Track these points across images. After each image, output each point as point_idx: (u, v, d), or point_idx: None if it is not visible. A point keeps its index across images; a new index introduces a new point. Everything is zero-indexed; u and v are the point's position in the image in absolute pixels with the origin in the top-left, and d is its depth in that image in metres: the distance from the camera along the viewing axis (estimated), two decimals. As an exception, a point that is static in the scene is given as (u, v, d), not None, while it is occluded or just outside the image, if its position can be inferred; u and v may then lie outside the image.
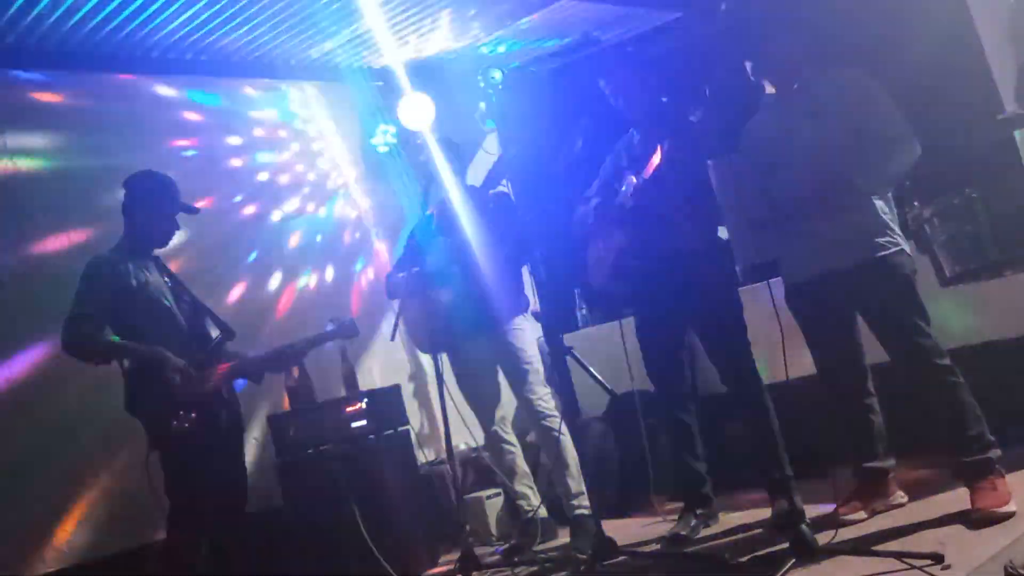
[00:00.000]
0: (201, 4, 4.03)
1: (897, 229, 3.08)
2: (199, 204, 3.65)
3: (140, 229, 3.35)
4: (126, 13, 3.95)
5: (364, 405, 4.04)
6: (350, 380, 4.33)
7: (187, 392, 3.13)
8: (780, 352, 3.16)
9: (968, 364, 3.04)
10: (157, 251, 3.45)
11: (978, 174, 3.21)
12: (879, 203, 3.07)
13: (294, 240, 5.03)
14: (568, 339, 5.02)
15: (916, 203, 3.18)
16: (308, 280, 5.00)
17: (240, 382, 3.54)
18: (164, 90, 4.66)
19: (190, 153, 4.68)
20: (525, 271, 4.26)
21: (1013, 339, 3.62)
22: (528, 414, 3.94)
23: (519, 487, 4.06)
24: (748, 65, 3.23)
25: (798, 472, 3.42)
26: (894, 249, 3.04)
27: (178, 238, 3.50)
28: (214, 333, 3.44)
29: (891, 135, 2.98)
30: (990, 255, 2.96)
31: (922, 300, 3.04)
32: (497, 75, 5.39)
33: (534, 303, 4.82)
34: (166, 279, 3.39)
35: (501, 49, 5.51)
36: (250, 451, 4.14)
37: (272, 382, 3.98)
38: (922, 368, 3.01)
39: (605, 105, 3.75)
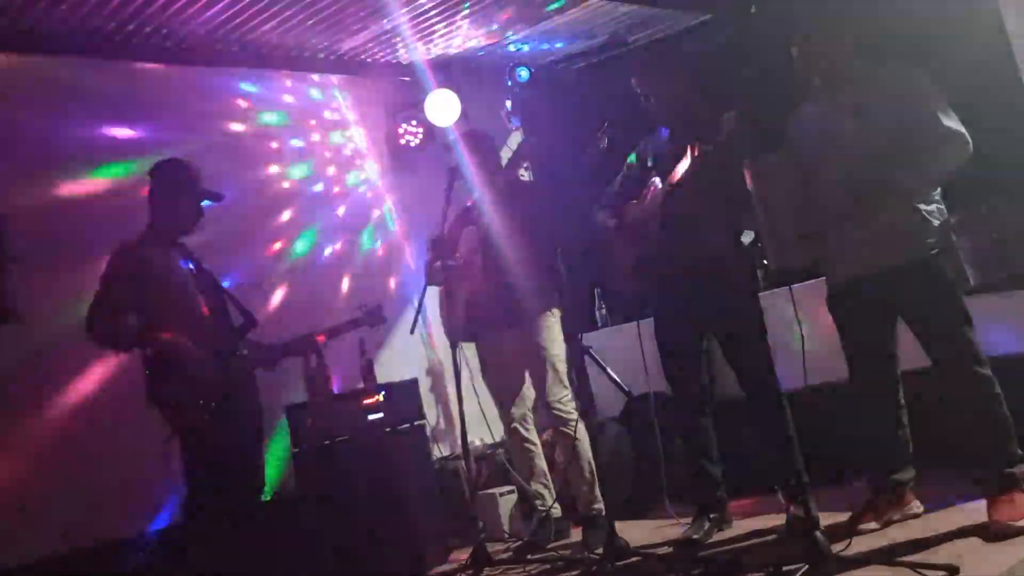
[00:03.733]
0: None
1: (943, 231, 3.02)
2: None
3: (165, 217, 3.39)
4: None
5: (381, 398, 4.07)
6: (368, 372, 4.35)
7: (208, 380, 3.17)
8: (799, 358, 3.14)
9: (1000, 376, 3.00)
10: (183, 239, 3.48)
11: (1006, 185, 3.18)
12: (925, 206, 3.02)
13: (321, 233, 5.06)
14: (586, 339, 5.01)
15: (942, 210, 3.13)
16: (334, 272, 5.03)
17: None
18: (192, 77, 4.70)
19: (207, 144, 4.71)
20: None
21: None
22: (547, 414, 3.94)
23: (536, 486, 4.06)
24: (794, 53, 3.18)
25: (814, 479, 3.39)
26: (938, 251, 2.99)
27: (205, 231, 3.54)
28: (237, 321, 3.47)
29: (941, 132, 2.91)
30: (1015, 266, 2.91)
31: (965, 304, 3.00)
32: (524, 73, 5.40)
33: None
34: (191, 267, 3.42)
35: (528, 47, 5.51)
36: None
37: (291, 370, 4.00)
38: (963, 374, 2.96)
39: (632, 106, 3.74)
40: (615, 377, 4.80)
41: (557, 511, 4.05)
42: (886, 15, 3.91)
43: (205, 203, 3.45)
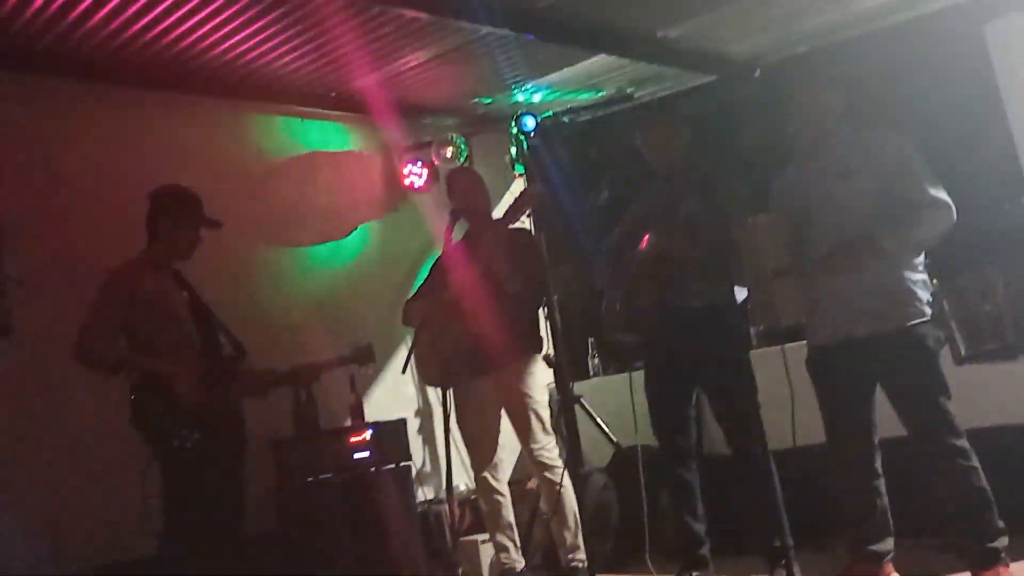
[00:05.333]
0: (246, 32, 4.12)
1: (926, 298, 3.04)
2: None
3: (163, 241, 3.41)
4: (176, 32, 4.04)
5: (368, 436, 4.04)
6: (356, 410, 4.34)
7: (192, 408, 3.15)
8: (788, 417, 3.14)
9: (978, 447, 3.00)
10: (178, 264, 3.49)
11: (999, 254, 3.20)
12: (909, 273, 3.05)
13: (318, 267, 5.08)
14: (578, 387, 5.01)
15: (935, 279, 3.15)
16: (330, 307, 5.03)
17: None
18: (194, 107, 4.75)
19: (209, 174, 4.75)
20: (541, 313, 4.26)
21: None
22: (531, 462, 3.92)
23: (500, 538, 4.00)
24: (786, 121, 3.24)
25: (799, 542, 3.36)
26: (920, 320, 3.00)
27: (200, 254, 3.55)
28: (227, 350, 3.47)
29: (924, 200, 2.96)
30: (1007, 337, 2.92)
31: (944, 375, 3.00)
32: (530, 122, 5.47)
33: (547, 347, 4.81)
34: (184, 293, 3.43)
35: (536, 97, 5.60)
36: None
37: (279, 404, 3.99)
38: (938, 446, 2.96)
39: (633, 159, 3.80)
40: (604, 427, 4.79)
41: (521, 564, 3.99)
42: (881, 84, 3.98)
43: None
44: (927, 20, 4.75)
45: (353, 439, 4.05)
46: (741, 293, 3.54)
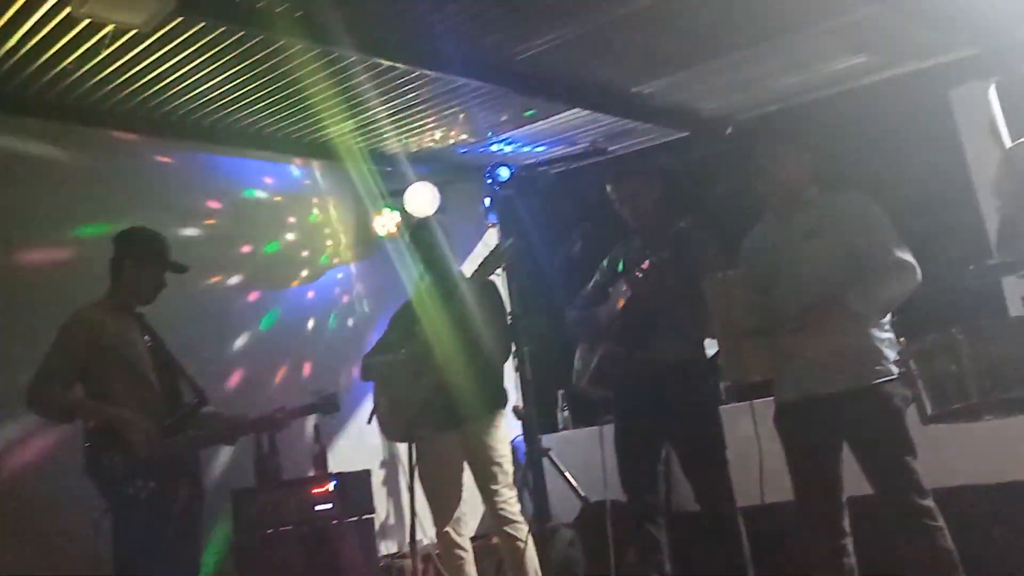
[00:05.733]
0: (219, 79, 4.12)
1: (893, 357, 3.06)
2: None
3: (126, 285, 3.35)
4: (146, 78, 4.04)
5: (331, 488, 3.97)
6: (320, 460, 4.26)
7: (150, 457, 3.07)
8: (757, 474, 3.12)
9: (944, 507, 2.99)
10: (141, 309, 3.43)
11: (965, 316, 3.23)
12: (876, 332, 3.07)
13: (285, 314, 5.02)
14: (546, 440, 4.96)
15: (903, 338, 3.17)
16: (295, 355, 4.97)
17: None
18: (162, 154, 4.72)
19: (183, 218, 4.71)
20: (510, 365, 4.22)
21: (990, 485, 3.58)
22: (493, 516, 3.85)
23: None
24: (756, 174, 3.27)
25: (766, 601, 3.32)
26: (887, 378, 3.01)
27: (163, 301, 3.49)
28: (188, 397, 3.39)
29: (890, 261, 3.00)
30: (972, 397, 2.93)
31: (910, 434, 3.01)
32: (504, 172, 5.50)
33: (516, 399, 4.78)
34: (146, 338, 3.36)
35: (510, 148, 5.64)
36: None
37: (240, 454, 3.91)
38: (904, 505, 2.95)
39: (607, 212, 3.82)
40: (572, 482, 4.74)
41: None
42: (849, 145, 4.06)
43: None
44: (894, 84, 4.87)
45: (315, 490, 3.97)
46: (711, 347, 3.55)
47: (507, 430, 3.91)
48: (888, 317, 3.11)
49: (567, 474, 4.77)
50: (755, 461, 3.14)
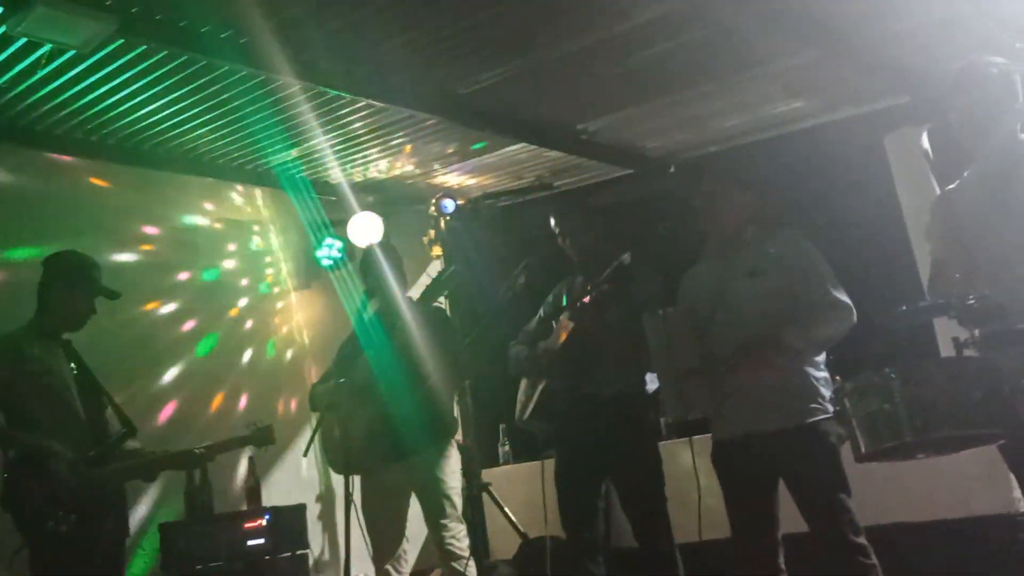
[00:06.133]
0: (160, 103, 4.06)
1: (828, 395, 3.10)
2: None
3: (54, 310, 3.25)
4: (84, 100, 3.95)
5: (264, 522, 3.86)
6: (254, 494, 4.15)
7: (71, 489, 2.95)
8: (696, 511, 3.12)
9: (877, 544, 3.02)
10: (68, 335, 3.33)
11: (898, 357, 3.30)
12: (812, 370, 3.11)
13: (222, 343, 4.92)
14: (487, 475, 4.92)
15: (838, 377, 3.23)
16: (231, 385, 4.86)
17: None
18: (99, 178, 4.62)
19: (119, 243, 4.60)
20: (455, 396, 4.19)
21: (922, 523, 3.64)
22: (439, 551, 3.78)
23: None
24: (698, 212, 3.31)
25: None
26: (822, 416, 3.05)
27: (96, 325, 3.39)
28: (115, 428, 3.28)
29: (827, 301, 3.06)
30: (905, 436, 2.98)
31: (845, 472, 3.05)
32: (450, 204, 5.50)
33: (458, 433, 4.72)
34: (72, 365, 3.25)
35: (457, 182, 5.64)
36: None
37: (170, 486, 3.79)
38: (838, 543, 2.97)
39: (551, 247, 3.83)
40: (512, 517, 4.69)
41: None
42: (787, 186, 4.15)
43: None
44: (832, 128, 5.02)
45: (248, 525, 3.86)
46: (653, 383, 3.56)
47: (458, 461, 3.85)
48: (823, 356, 3.17)
49: (507, 509, 4.73)
50: (694, 497, 3.15)
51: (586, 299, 3.47)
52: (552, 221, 3.77)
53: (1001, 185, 2.66)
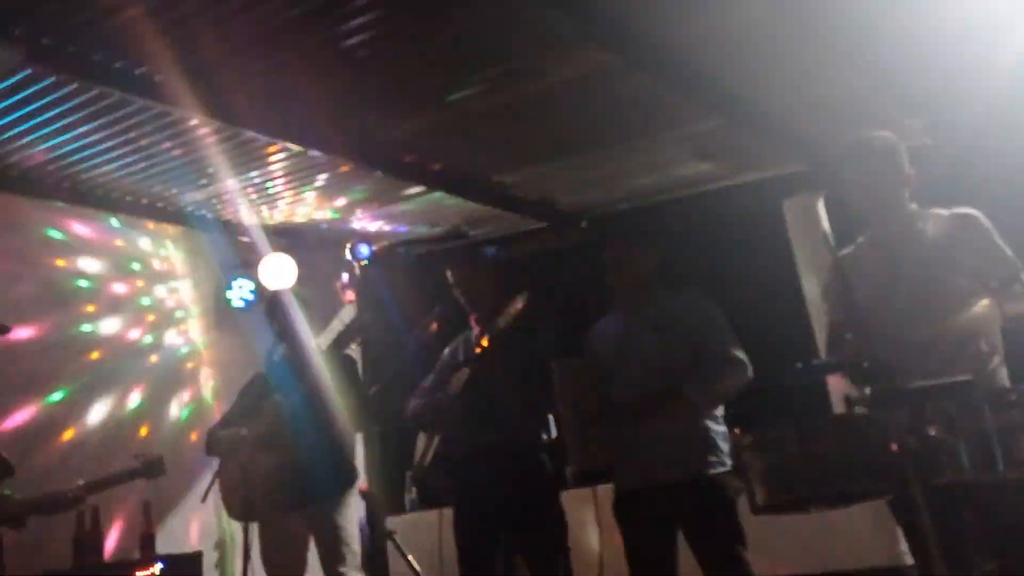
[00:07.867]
0: (67, 136, 3.97)
1: (727, 448, 3.19)
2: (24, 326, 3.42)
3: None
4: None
5: (157, 571, 3.72)
6: (147, 541, 4.00)
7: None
8: (598, 561, 3.16)
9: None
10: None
11: (792, 410, 3.44)
12: (711, 423, 3.21)
13: (121, 380, 4.76)
14: (392, 522, 4.86)
15: (736, 430, 3.33)
16: (130, 425, 4.69)
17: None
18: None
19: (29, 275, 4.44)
20: (360, 443, 4.14)
21: (815, 575, 3.75)
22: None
23: None
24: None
25: None
26: (721, 469, 3.14)
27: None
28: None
29: (727, 357, 3.18)
30: (799, 490, 3.09)
31: (742, 525, 3.13)
32: (365, 250, 5.49)
33: (363, 481, 4.66)
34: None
35: (373, 227, 5.65)
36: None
37: (58, 530, 3.62)
38: None
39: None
40: (415, 565, 4.63)
41: None
42: (691, 245, 4.33)
43: None
44: (735, 191, 5.24)
45: (139, 574, 3.70)
46: (553, 431, 3.59)
47: (356, 510, 3.80)
48: (722, 410, 3.28)
49: (410, 557, 4.67)
50: (595, 548, 3.18)
51: (480, 346, 3.49)
52: (448, 273, 3.77)
53: (891, 253, 2.82)
